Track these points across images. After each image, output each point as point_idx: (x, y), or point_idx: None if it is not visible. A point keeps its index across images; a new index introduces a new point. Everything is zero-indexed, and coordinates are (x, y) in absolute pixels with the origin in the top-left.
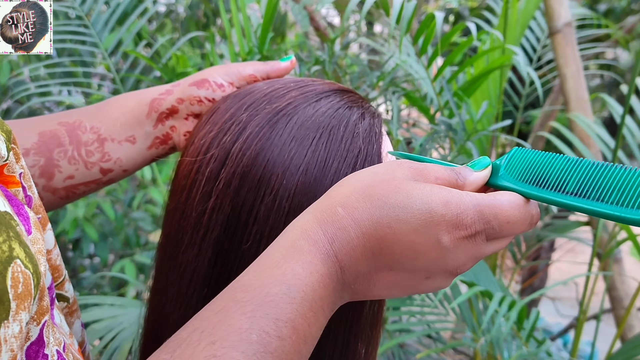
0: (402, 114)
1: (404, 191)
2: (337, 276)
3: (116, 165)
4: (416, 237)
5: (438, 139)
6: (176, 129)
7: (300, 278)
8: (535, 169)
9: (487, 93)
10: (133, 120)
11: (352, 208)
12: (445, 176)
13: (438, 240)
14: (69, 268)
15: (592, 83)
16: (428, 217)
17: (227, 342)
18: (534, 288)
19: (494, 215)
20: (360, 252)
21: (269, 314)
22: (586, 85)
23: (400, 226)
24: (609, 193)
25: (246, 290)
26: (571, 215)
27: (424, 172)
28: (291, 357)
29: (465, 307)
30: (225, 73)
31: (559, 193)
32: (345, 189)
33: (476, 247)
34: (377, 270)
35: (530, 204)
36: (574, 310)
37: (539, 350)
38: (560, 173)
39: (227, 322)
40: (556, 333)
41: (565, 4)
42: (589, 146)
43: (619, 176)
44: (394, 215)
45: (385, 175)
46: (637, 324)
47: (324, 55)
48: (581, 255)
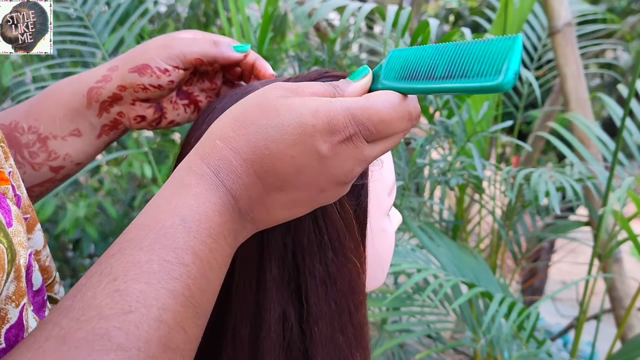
0: None
1: (274, 110)
2: (231, 205)
3: (67, 162)
4: (294, 152)
5: (437, 139)
6: (124, 114)
7: (193, 208)
8: (409, 65)
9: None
10: (73, 113)
11: (229, 138)
12: (322, 90)
13: (316, 150)
14: (69, 268)
15: (592, 83)
16: (300, 130)
17: (129, 276)
18: (534, 288)
19: (366, 116)
20: (247, 179)
21: (167, 244)
22: (586, 85)
23: (277, 145)
24: (472, 68)
25: (140, 229)
26: (571, 215)
27: (298, 89)
28: (198, 281)
29: (465, 307)
30: (168, 57)
31: (430, 80)
32: (222, 121)
33: (357, 150)
34: (268, 194)
35: (407, 100)
36: (574, 310)
37: (539, 351)
38: (430, 62)
39: (125, 260)
40: (556, 333)
41: (566, 4)
42: (589, 147)
43: (477, 51)
44: (268, 135)
45: (257, 99)
46: (638, 324)
47: (323, 55)
48: (582, 255)
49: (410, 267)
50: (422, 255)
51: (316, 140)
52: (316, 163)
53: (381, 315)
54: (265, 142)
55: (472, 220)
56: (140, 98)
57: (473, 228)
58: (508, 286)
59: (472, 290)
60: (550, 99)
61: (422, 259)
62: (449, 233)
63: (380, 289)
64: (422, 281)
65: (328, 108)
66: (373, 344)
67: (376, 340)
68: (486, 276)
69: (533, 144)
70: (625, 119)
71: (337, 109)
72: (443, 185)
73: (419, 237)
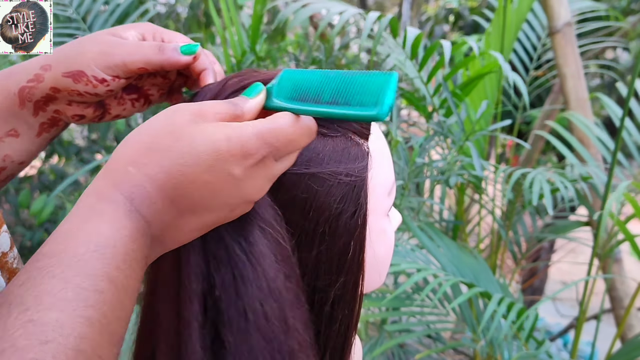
0: (402, 114)
1: (187, 137)
2: (144, 230)
3: (7, 162)
4: (209, 177)
5: (437, 138)
6: (61, 112)
7: (107, 235)
8: (299, 87)
9: (485, 93)
10: (6, 113)
11: (141, 164)
12: (224, 110)
13: (230, 174)
14: None
15: (592, 83)
16: (215, 156)
17: (42, 306)
18: (534, 288)
19: (275, 137)
20: (161, 204)
21: (81, 272)
22: (586, 85)
23: (192, 170)
24: (354, 98)
25: (49, 257)
26: (571, 215)
27: (202, 111)
28: (114, 308)
29: (465, 307)
30: (107, 66)
31: (317, 104)
32: (131, 147)
33: (268, 169)
34: (181, 217)
35: (305, 118)
36: (574, 310)
37: (539, 352)
38: (318, 87)
39: (36, 289)
40: (556, 333)
41: (565, 4)
42: (588, 147)
43: (359, 82)
44: (183, 162)
45: (166, 126)
46: (637, 324)
47: (320, 55)
48: (581, 255)
49: (409, 267)
50: (421, 255)
51: (230, 165)
52: (230, 186)
53: (381, 315)
54: (180, 167)
55: (472, 220)
56: (76, 101)
57: (473, 228)
58: (508, 286)
59: (471, 290)
60: (550, 98)
61: (422, 259)
62: (449, 233)
63: (380, 289)
64: (422, 281)
65: (240, 133)
66: (373, 344)
67: (376, 340)
68: (486, 276)
69: (533, 144)
70: (624, 118)
71: (248, 134)
72: (443, 185)
73: (418, 237)
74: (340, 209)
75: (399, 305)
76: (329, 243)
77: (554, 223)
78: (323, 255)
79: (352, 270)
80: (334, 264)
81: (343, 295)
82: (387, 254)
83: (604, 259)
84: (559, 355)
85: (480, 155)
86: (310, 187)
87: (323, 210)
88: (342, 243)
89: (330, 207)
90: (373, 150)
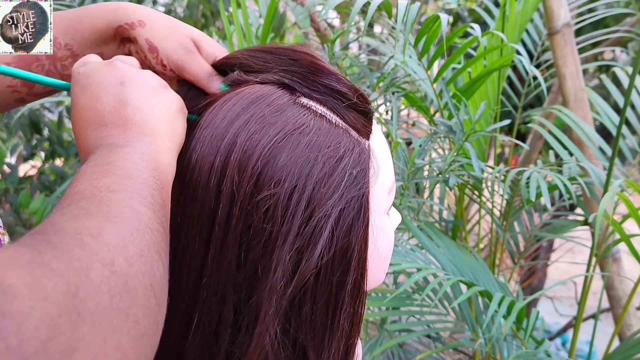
0: (402, 114)
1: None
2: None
3: None
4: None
5: (437, 139)
6: (134, 53)
7: (138, 158)
8: None
9: (485, 93)
10: (102, 40)
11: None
12: None
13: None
14: None
15: (590, 83)
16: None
17: (111, 188)
18: (532, 288)
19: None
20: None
21: (133, 177)
22: (585, 86)
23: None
24: None
25: (95, 178)
26: (570, 214)
27: None
28: (164, 204)
29: (465, 307)
30: (176, 64)
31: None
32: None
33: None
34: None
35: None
36: (573, 309)
37: (538, 351)
38: None
39: (100, 191)
40: (555, 332)
41: (565, 5)
42: (586, 146)
43: None
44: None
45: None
46: (635, 323)
47: (323, 54)
48: (580, 254)
49: (409, 266)
50: (421, 255)
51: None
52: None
53: (381, 314)
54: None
55: (472, 220)
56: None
57: (472, 227)
58: (507, 285)
59: (471, 289)
60: (549, 99)
61: (422, 259)
62: (449, 233)
63: (380, 289)
64: (422, 281)
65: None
66: (373, 344)
67: (376, 340)
68: (485, 275)
69: (531, 144)
70: (623, 119)
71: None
72: (442, 185)
73: (418, 236)
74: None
75: (399, 304)
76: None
77: (552, 222)
78: (326, 255)
79: (355, 269)
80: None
81: (345, 295)
82: (387, 253)
83: (600, 259)
84: (557, 354)
85: (480, 155)
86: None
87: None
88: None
89: (334, 207)
90: (374, 150)
